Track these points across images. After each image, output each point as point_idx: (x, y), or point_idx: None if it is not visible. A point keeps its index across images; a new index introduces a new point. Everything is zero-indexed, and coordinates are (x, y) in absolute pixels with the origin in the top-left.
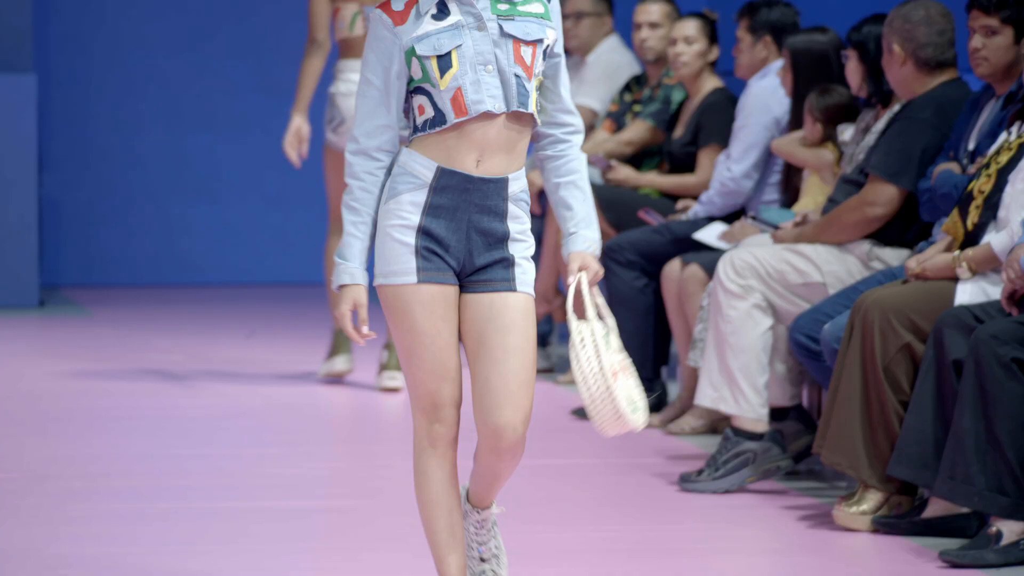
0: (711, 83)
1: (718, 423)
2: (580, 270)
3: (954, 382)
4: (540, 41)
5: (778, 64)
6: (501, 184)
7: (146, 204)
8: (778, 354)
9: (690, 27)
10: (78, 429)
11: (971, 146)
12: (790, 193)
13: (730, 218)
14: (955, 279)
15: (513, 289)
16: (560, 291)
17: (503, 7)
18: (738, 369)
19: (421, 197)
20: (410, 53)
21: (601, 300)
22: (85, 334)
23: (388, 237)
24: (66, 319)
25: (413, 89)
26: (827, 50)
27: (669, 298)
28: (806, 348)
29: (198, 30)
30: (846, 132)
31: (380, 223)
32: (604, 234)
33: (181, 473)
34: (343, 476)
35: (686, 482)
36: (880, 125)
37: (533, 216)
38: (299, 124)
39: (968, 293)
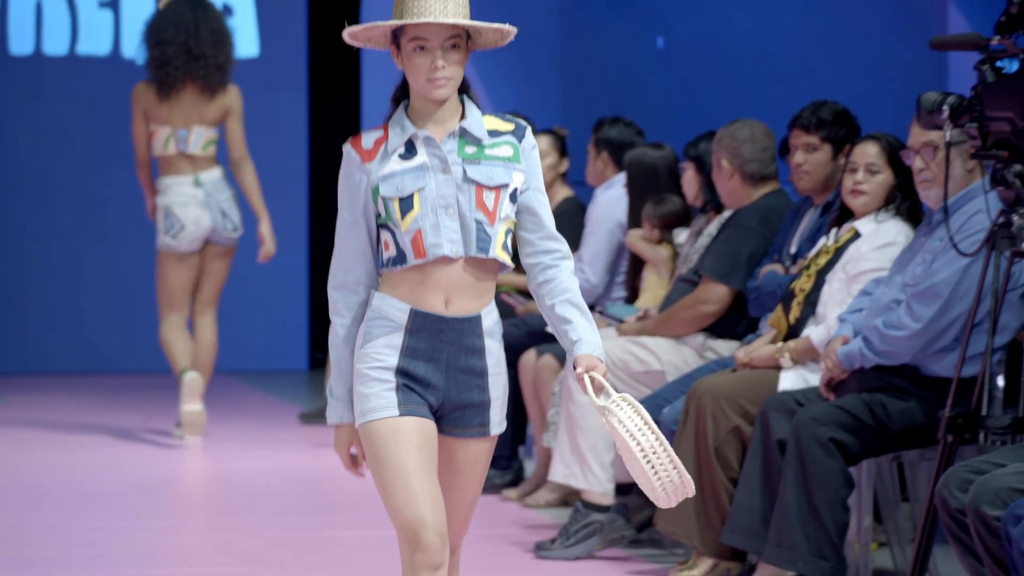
0: (562, 192)
1: (570, 497)
2: (587, 371)
3: (779, 460)
4: (505, 186)
5: (622, 177)
6: (475, 322)
7: (56, 298)
8: None
9: (542, 143)
10: None
11: (793, 250)
12: (633, 291)
13: None
14: (779, 368)
15: (486, 434)
16: None
17: (470, 150)
18: (587, 448)
19: (398, 340)
20: (375, 191)
21: (608, 385)
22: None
23: (366, 378)
24: None
25: (380, 225)
26: (656, 163)
27: (525, 385)
28: None
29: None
30: (681, 235)
31: (357, 366)
32: None
33: (88, 543)
34: (232, 545)
35: (541, 550)
36: (712, 229)
37: None
38: (152, 199)
39: (790, 380)
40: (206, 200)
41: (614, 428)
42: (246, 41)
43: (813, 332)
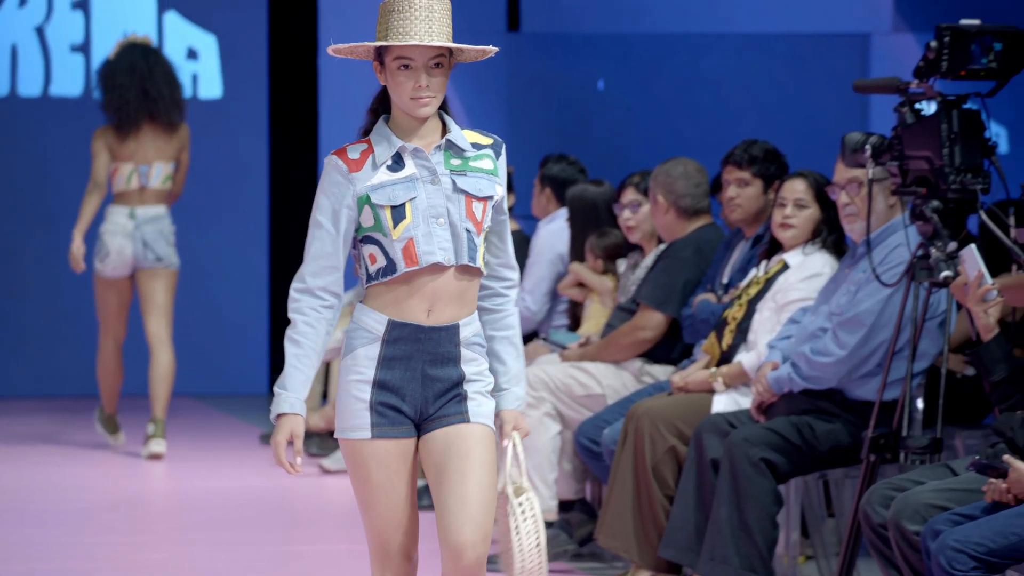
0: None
1: None
2: (514, 430)
3: (712, 478)
4: (490, 197)
5: (564, 211)
6: (452, 331)
7: (30, 326)
8: (565, 455)
9: None
10: None
11: (725, 280)
12: (575, 319)
13: (525, 340)
14: (712, 391)
15: (467, 420)
16: None
17: (456, 162)
18: (532, 467)
19: (375, 351)
20: (364, 200)
21: (522, 461)
22: None
23: (346, 392)
24: None
25: (363, 238)
26: (596, 199)
27: None
28: (589, 450)
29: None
30: (622, 266)
31: (340, 377)
32: None
33: (63, 558)
34: (199, 559)
35: (489, 563)
36: (648, 260)
37: None
38: (78, 244)
39: (723, 403)
40: (133, 232)
41: (507, 526)
42: (210, 83)
43: (744, 358)
